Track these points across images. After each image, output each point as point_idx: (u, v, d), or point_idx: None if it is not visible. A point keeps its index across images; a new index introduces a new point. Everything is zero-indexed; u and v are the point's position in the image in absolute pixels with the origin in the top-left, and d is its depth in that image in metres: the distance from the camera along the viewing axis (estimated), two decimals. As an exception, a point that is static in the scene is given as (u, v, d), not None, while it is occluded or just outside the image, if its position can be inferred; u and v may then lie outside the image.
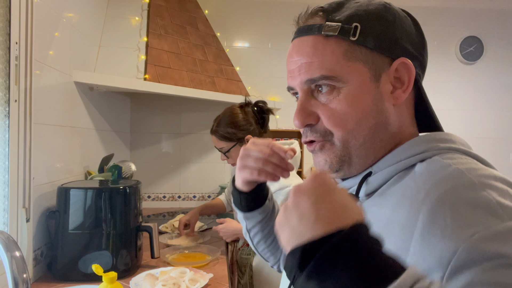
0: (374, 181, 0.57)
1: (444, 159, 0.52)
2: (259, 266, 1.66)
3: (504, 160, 3.25)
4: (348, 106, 0.56)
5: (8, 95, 1.22)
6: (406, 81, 0.57)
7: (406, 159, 0.55)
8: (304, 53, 0.58)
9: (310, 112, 0.58)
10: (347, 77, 0.55)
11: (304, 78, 0.57)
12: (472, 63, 3.23)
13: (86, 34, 1.92)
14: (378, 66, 0.56)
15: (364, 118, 0.56)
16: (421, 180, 0.50)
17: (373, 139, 0.57)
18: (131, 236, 1.43)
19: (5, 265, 0.67)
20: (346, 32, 0.55)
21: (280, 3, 3.08)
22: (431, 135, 0.58)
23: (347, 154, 0.58)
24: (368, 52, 0.56)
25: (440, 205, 0.45)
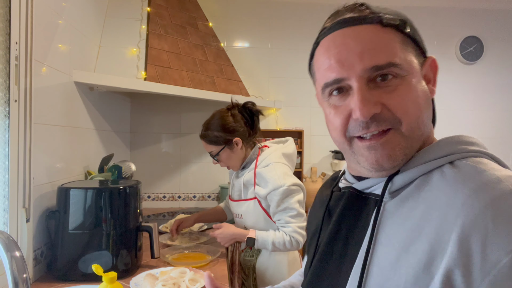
0: (400, 179, 0.56)
1: (476, 163, 0.52)
2: (262, 268, 1.66)
3: (504, 160, 3.23)
4: (412, 93, 0.55)
5: (8, 95, 1.22)
6: (432, 78, 0.61)
7: (434, 159, 0.55)
8: (366, 40, 0.55)
9: (374, 101, 0.54)
10: (407, 66, 0.56)
11: (369, 65, 0.54)
12: (472, 63, 3.23)
13: (86, 34, 1.93)
14: (419, 61, 0.59)
15: (424, 107, 0.57)
16: (457, 184, 0.49)
17: (427, 130, 0.59)
18: (131, 236, 1.43)
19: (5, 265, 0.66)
20: (404, 23, 0.57)
21: (280, 3, 3.08)
22: (456, 137, 0.58)
23: (409, 146, 0.56)
24: (415, 47, 0.59)
25: (483, 217, 0.45)
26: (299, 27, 3.09)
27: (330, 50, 0.57)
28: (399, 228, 0.52)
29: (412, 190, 0.54)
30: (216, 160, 1.70)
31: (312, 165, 3.13)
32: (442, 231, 0.47)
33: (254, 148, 1.71)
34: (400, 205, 0.54)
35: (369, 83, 0.55)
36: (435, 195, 0.50)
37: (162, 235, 1.90)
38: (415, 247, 0.49)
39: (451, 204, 0.48)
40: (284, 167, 1.61)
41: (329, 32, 0.59)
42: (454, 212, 0.47)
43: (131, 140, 2.88)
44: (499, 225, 0.43)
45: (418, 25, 0.64)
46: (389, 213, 0.55)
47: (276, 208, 1.55)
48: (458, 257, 0.44)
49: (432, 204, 0.50)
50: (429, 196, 0.51)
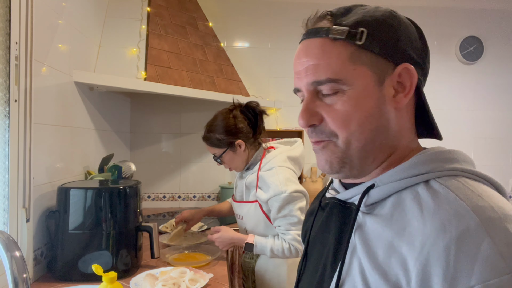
0: (375, 194, 0.57)
1: (450, 188, 0.52)
2: (262, 271, 1.65)
3: (504, 160, 3.25)
4: (351, 108, 0.57)
5: (8, 95, 1.22)
6: (408, 86, 0.59)
7: (409, 177, 0.55)
8: (311, 55, 0.59)
9: (314, 113, 0.59)
10: (352, 80, 0.57)
11: (310, 80, 0.58)
12: (472, 63, 3.23)
13: (86, 34, 1.93)
14: (382, 71, 0.58)
15: (367, 120, 0.57)
16: (429, 214, 0.50)
17: (373, 141, 0.58)
18: (131, 236, 1.43)
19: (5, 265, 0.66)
20: (353, 36, 0.57)
21: (280, 3, 3.08)
22: (436, 154, 0.57)
23: (349, 156, 0.58)
24: (373, 57, 0.57)
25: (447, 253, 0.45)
26: (299, 27, 3.06)
27: (295, 59, 0.62)
28: (373, 246, 0.53)
29: (387, 207, 0.55)
30: (219, 162, 1.69)
31: (312, 165, 3.13)
32: (408, 260, 0.48)
33: (259, 149, 1.67)
34: (375, 220, 0.55)
35: (316, 94, 0.59)
36: (406, 220, 0.51)
37: (162, 235, 1.90)
38: (384, 270, 0.50)
39: (419, 234, 0.48)
40: (288, 172, 1.56)
41: (300, 41, 0.63)
42: (421, 243, 0.47)
43: (131, 140, 2.88)
44: (460, 262, 0.44)
45: (418, 25, 0.64)
46: (366, 228, 0.56)
47: (277, 214, 1.51)
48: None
49: (403, 230, 0.51)
50: (400, 220, 0.52)
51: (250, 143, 1.65)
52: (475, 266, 0.43)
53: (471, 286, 0.43)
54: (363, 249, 0.54)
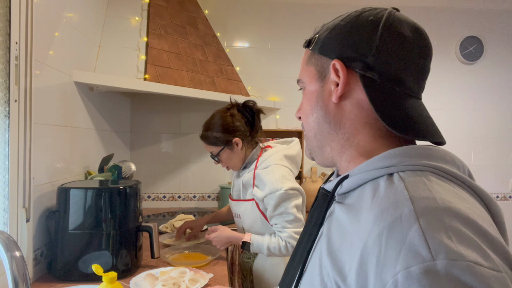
0: (346, 184, 0.60)
1: (405, 180, 0.52)
2: (259, 271, 1.65)
3: (504, 160, 3.25)
4: (305, 101, 0.69)
5: (8, 95, 1.22)
6: (341, 81, 0.62)
7: (374, 170, 0.56)
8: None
9: (300, 107, 0.72)
10: (305, 79, 0.69)
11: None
12: (472, 63, 3.23)
13: (86, 34, 1.93)
14: (323, 68, 0.66)
15: (310, 112, 0.68)
16: (375, 203, 0.51)
17: (319, 131, 0.67)
18: (131, 236, 1.43)
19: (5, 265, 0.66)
20: (308, 43, 0.69)
21: (280, 3, 3.08)
22: (407, 148, 0.57)
23: (310, 144, 0.70)
24: (318, 57, 0.66)
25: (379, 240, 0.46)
26: (299, 27, 3.09)
27: None
28: (334, 233, 0.56)
29: (353, 197, 0.58)
30: (217, 161, 1.70)
31: (312, 165, 3.13)
32: (353, 248, 0.49)
33: (256, 148, 1.68)
34: (340, 209, 0.58)
35: None
36: (360, 209, 0.53)
37: (162, 235, 1.90)
38: (335, 256, 0.52)
39: (364, 222, 0.50)
40: (284, 170, 1.57)
41: None
42: (364, 231, 0.49)
43: (131, 140, 2.88)
44: (389, 249, 0.44)
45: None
46: (334, 216, 0.60)
47: (273, 212, 1.51)
48: (359, 276, 0.46)
49: (356, 219, 0.52)
50: (357, 209, 0.54)
51: (247, 141, 1.67)
52: (401, 253, 0.43)
53: (396, 272, 0.43)
54: (325, 235, 0.58)
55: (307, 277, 0.59)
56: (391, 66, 0.60)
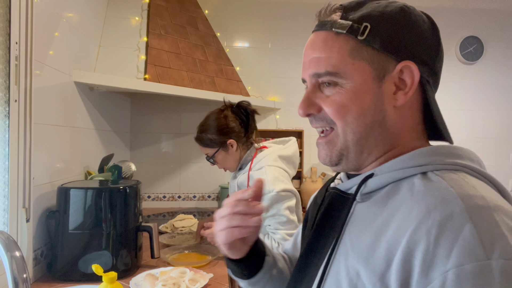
0: (372, 183, 0.58)
1: (445, 179, 0.51)
2: None
3: (504, 160, 3.25)
4: (348, 101, 0.58)
5: (8, 95, 1.22)
6: (409, 84, 0.58)
7: (407, 168, 0.55)
8: (315, 48, 0.61)
9: (312, 103, 0.61)
10: (350, 74, 0.58)
11: (312, 72, 0.61)
12: (472, 63, 3.23)
13: (86, 34, 1.93)
14: (382, 67, 0.58)
15: (362, 114, 0.58)
16: (417, 200, 0.50)
17: (368, 136, 0.59)
18: (131, 236, 1.43)
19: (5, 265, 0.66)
20: (355, 31, 0.57)
21: (280, 3, 3.08)
22: (438, 148, 0.57)
23: (346, 149, 0.60)
24: (375, 53, 0.57)
25: (428, 236, 0.45)
26: (299, 27, 3.09)
27: (304, 51, 0.65)
28: (361, 233, 0.54)
29: (382, 196, 0.56)
30: (212, 162, 1.70)
31: (312, 165, 3.13)
32: (393, 244, 0.48)
33: (251, 149, 1.67)
34: (368, 209, 0.56)
35: (317, 86, 0.61)
36: (397, 207, 0.51)
37: (162, 235, 1.90)
38: (370, 255, 0.50)
39: (406, 219, 0.48)
40: (277, 171, 1.56)
41: (312, 32, 0.65)
42: (406, 227, 0.48)
43: (131, 140, 2.88)
44: (439, 246, 0.44)
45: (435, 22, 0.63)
46: (357, 215, 0.57)
47: (265, 214, 1.50)
48: (401, 272, 0.46)
49: (392, 215, 0.51)
50: (393, 206, 0.52)
51: (242, 142, 1.66)
52: (453, 250, 0.43)
53: (447, 270, 0.42)
54: (350, 237, 0.56)
55: (331, 282, 0.56)
56: (441, 70, 0.62)
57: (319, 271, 0.59)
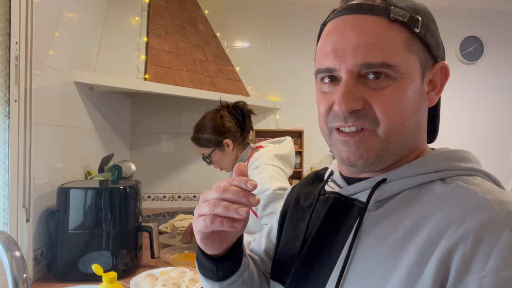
0: (387, 189, 0.55)
1: (469, 184, 0.51)
2: None
3: (504, 160, 3.25)
4: (401, 98, 0.52)
5: (8, 95, 1.22)
6: (439, 85, 0.57)
7: (425, 174, 0.53)
8: (365, 33, 0.52)
9: (357, 97, 0.52)
10: (405, 69, 0.52)
11: (361, 61, 0.51)
12: (472, 63, 3.23)
13: (86, 34, 1.92)
14: (426, 65, 0.55)
15: (410, 114, 0.54)
16: (447, 206, 0.49)
17: (410, 137, 0.55)
18: (131, 236, 1.43)
19: (5, 265, 0.66)
20: (414, 22, 0.52)
21: (280, 3, 3.08)
22: (451, 152, 0.56)
23: (385, 149, 0.54)
24: (423, 48, 0.54)
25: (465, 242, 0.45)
26: (299, 27, 3.09)
27: (330, 36, 0.55)
28: (381, 241, 0.51)
29: (399, 202, 0.53)
30: (209, 162, 1.71)
31: (312, 165, 3.13)
32: (425, 251, 0.47)
33: (247, 149, 1.68)
34: (384, 216, 0.53)
35: (359, 77, 0.53)
36: (423, 214, 0.50)
37: (162, 235, 1.90)
38: (397, 262, 0.48)
39: (437, 226, 0.47)
40: (273, 170, 1.56)
41: (336, 16, 0.56)
42: (440, 234, 0.46)
43: (131, 140, 2.88)
44: (477, 252, 0.43)
45: None
46: (372, 223, 0.54)
47: (262, 212, 1.51)
48: (436, 278, 0.45)
49: (419, 223, 0.49)
50: (416, 213, 0.50)
51: (238, 142, 1.67)
52: (491, 257, 0.42)
53: (484, 275, 0.42)
54: (367, 244, 0.52)
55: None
56: None
57: (326, 284, 0.55)
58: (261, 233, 0.84)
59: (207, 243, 0.59)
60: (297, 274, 0.61)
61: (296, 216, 0.71)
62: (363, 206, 0.56)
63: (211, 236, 0.58)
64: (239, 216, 0.51)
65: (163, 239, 1.83)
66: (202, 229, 0.54)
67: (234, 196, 0.52)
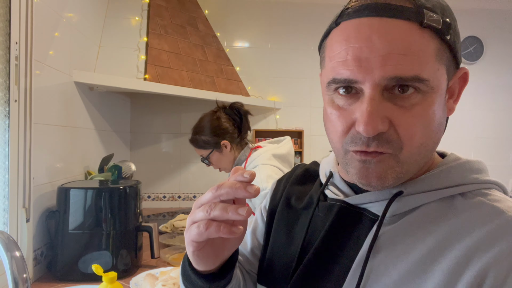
0: (405, 204, 0.51)
1: (491, 201, 0.49)
2: None
3: (504, 160, 3.25)
4: (427, 116, 0.47)
5: (8, 95, 1.22)
6: (457, 92, 0.53)
7: (444, 188, 0.51)
8: (395, 41, 0.44)
9: (383, 117, 0.45)
10: (435, 83, 0.46)
11: (390, 74, 0.44)
12: (472, 63, 3.23)
13: (86, 34, 1.92)
14: (450, 73, 0.49)
15: (434, 132, 0.49)
16: (472, 226, 0.47)
17: (430, 154, 0.51)
18: (131, 236, 1.43)
19: (5, 265, 0.66)
20: (447, 27, 0.46)
21: (280, 3, 3.08)
22: (468, 164, 0.54)
23: (405, 172, 0.49)
24: (450, 57, 0.48)
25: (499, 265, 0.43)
26: (299, 27, 3.09)
27: (350, 41, 0.46)
28: (400, 258, 0.48)
29: (418, 218, 0.50)
30: (207, 163, 1.72)
31: (312, 165, 3.13)
32: (453, 274, 0.44)
33: (245, 149, 1.69)
34: (403, 233, 0.49)
35: (384, 91, 0.46)
36: (447, 233, 0.47)
37: (162, 235, 1.90)
38: (419, 280, 0.46)
39: (465, 247, 0.45)
40: (270, 169, 1.57)
41: (355, 16, 0.47)
42: (468, 256, 0.45)
43: (131, 140, 2.88)
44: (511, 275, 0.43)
45: None
46: (388, 239, 0.50)
47: None
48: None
49: (443, 242, 0.47)
50: (438, 232, 0.48)
51: (236, 143, 1.69)
52: None
53: None
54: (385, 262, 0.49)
55: None
56: None
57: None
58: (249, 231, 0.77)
59: (201, 256, 0.51)
60: (297, 284, 0.56)
61: (288, 218, 0.65)
62: (377, 218, 0.51)
63: (206, 248, 0.50)
64: (239, 217, 0.44)
65: (163, 239, 1.83)
66: (196, 237, 0.47)
67: (230, 190, 0.45)
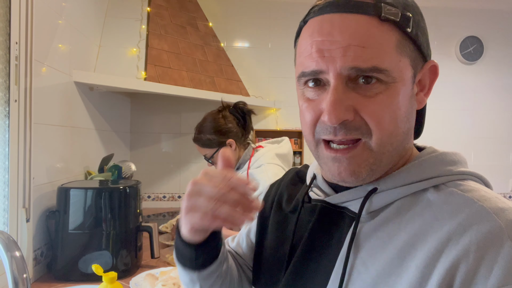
0: (379, 200, 0.52)
1: (464, 191, 0.49)
2: None
3: (504, 160, 3.24)
4: (393, 105, 0.49)
5: (8, 95, 1.22)
6: (427, 85, 0.54)
7: (417, 182, 0.51)
8: (354, 34, 0.47)
9: (347, 106, 0.48)
10: (397, 73, 0.48)
11: (350, 65, 0.47)
12: (472, 63, 3.23)
13: (86, 34, 1.92)
14: (416, 65, 0.52)
15: (403, 121, 0.51)
16: (444, 218, 0.47)
17: (401, 145, 0.52)
18: (131, 236, 1.43)
19: (5, 265, 0.66)
20: (406, 20, 0.48)
21: (280, 3, 3.08)
22: (441, 156, 0.54)
23: (378, 162, 0.51)
24: (413, 49, 0.50)
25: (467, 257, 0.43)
26: (299, 27, 3.09)
27: (313, 36, 0.50)
28: (377, 254, 0.49)
29: (393, 213, 0.51)
30: (211, 163, 1.71)
31: (312, 165, 3.13)
32: (426, 267, 0.45)
33: (248, 149, 1.70)
34: (379, 228, 0.51)
35: (348, 82, 0.48)
36: (420, 226, 0.48)
37: (162, 235, 1.90)
38: (396, 280, 0.46)
39: (436, 240, 0.46)
40: (276, 169, 1.59)
41: (319, 13, 0.51)
42: (440, 249, 0.45)
43: (131, 140, 2.88)
44: (480, 265, 0.43)
45: None
46: (366, 236, 0.51)
47: None
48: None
49: (416, 236, 0.47)
50: (412, 225, 0.48)
51: (240, 142, 1.69)
52: (494, 269, 0.42)
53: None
54: (362, 259, 0.50)
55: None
56: None
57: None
58: (239, 233, 0.80)
59: (195, 234, 0.56)
60: (287, 286, 0.58)
61: (279, 220, 0.67)
62: (355, 216, 0.53)
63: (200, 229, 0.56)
64: (250, 220, 0.51)
65: (163, 239, 1.83)
66: (198, 223, 0.52)
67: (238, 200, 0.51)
